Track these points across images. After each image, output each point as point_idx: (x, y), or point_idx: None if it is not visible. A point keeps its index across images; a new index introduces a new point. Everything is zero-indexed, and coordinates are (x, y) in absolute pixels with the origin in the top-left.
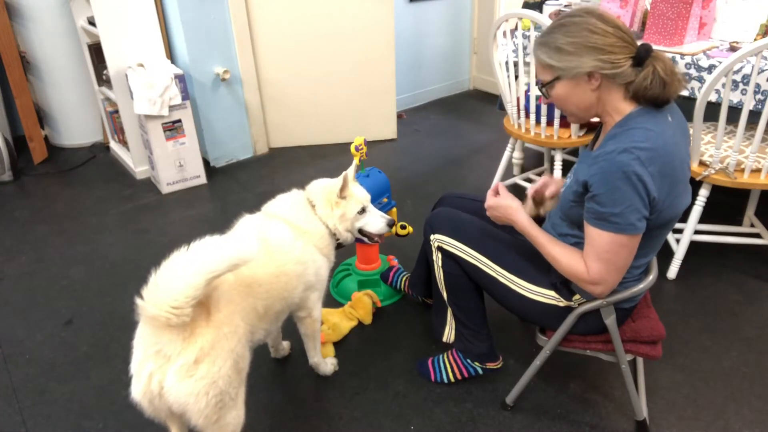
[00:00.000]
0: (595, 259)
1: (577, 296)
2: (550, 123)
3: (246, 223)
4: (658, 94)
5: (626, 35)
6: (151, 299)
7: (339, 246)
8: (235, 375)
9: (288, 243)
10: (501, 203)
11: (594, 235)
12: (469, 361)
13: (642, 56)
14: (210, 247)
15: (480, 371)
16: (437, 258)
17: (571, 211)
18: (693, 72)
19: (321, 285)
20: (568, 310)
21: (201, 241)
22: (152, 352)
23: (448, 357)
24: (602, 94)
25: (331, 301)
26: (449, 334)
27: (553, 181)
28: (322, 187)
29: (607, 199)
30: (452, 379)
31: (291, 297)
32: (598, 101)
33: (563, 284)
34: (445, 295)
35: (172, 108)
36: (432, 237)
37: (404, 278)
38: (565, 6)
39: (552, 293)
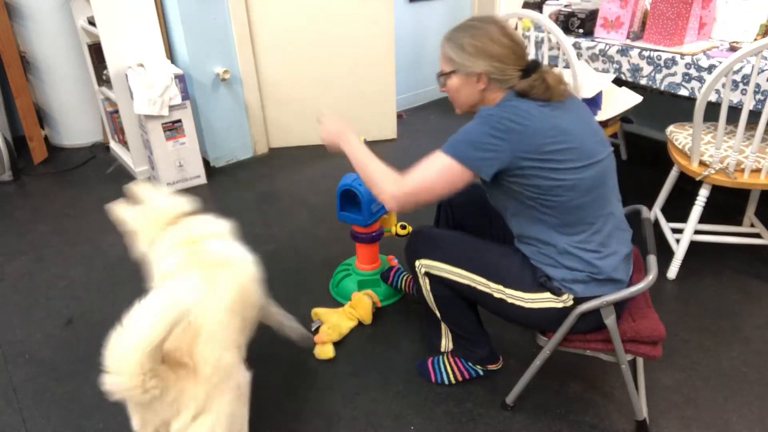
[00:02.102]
0: (415, 169)
1: (564, 296)
2: None
3: (173, 264)
4: (539, 95)
5: (520, 50)
6: (112, 382)
7: None
8: (238, 407)
9: (233, 249)
10: (333, 125)
11: (432, 156)
12: (470, 364)
13: (530, 70)
14: (140, 315)
15: (481, 373)
16: (425, 283)
17: (494, 197)
18: (693, 72)
19: None
20: (565, 311)
21: (133, 310)
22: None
23: (448, 359)
24: (487, 93)
25: (331, 301)
26: (447, 344)
27: None
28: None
29: (465, 130)
30: (453, 381)
31: (259, 299)
32: (483, 100)
33: (548, 280)
34: (438, 314)
35: (172, 108)
36: (417, 263)
37: (404, 278)
38: (565, 6)
39: (546, 295)
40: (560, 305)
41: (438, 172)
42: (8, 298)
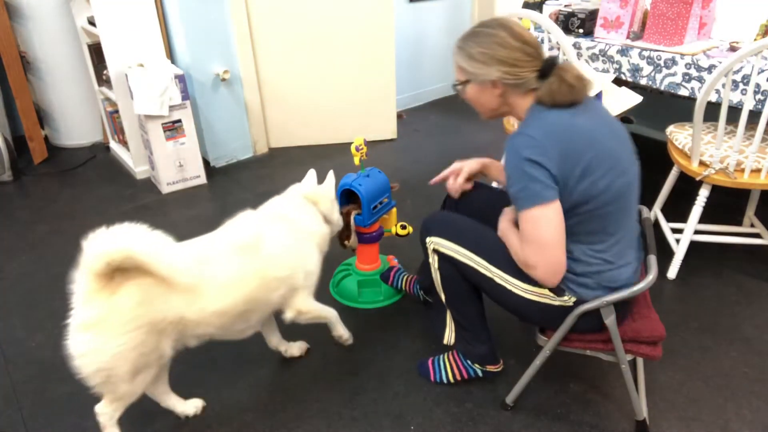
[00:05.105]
0: (524, 242)
1: (566, 296)
2: None
3: (246, 220)
4: (565, 99)
5: (533, 50)
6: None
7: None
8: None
9: (282, 246)
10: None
11: (519, 220)
12: (469, 362)
13: (546, 70)
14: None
15: (480, 373)
16: (434, 261)
17: None
18: (693, 72)
19: (311, 282)
20: (565, 309)
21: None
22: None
23: (448, 357)
24: (508, 98)
25: (331, 301)
26: (449, 336)
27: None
28: (324, 189)
29: (513, 179)
30: (452, 380)
31: (266, 300)
32: (505, 104)
33: None
34: (443, 297)
35: (172, 108)
36: (428, 240)
37: (404, 278)
38: (565, 6)
39: (545, 291)
40: (557, 303)
41: (532, 225)
42: (8, 298)
